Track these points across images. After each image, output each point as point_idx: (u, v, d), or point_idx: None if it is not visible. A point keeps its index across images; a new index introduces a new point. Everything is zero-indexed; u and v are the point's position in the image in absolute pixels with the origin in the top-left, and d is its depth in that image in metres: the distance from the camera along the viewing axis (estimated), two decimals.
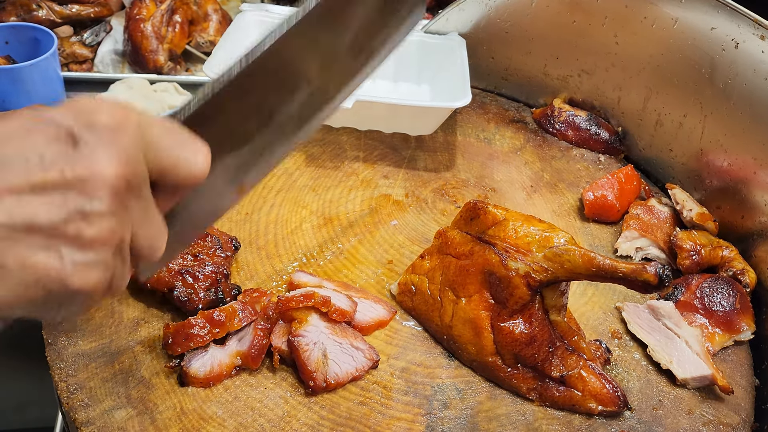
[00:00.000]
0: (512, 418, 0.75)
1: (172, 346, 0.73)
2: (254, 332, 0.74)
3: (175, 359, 0.73)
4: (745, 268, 0.95)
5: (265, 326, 0.75)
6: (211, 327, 0.73)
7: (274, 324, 0.77)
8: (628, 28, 1.13)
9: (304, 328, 0.75)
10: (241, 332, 0.75)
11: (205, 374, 0.72)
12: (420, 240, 0.97)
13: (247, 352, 0.74)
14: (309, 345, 0.74)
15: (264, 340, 0.74)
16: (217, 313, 0.74)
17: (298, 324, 0.75)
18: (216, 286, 0.79)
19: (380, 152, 1.13)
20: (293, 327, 0.75)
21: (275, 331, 0.76)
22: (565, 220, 1.05)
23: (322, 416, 0.72)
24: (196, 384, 0.72)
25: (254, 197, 0.99)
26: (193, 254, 0.82)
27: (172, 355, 0.73)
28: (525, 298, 0.74)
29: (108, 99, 0.43)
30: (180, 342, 0.72)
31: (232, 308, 0.75)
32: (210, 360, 0.73)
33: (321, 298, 0.77)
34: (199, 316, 0.74)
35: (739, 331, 0.88)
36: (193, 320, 0.73)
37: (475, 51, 1.25)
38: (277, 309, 0.77)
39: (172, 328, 0.73)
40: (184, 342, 0.72)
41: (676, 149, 1.13)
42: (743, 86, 0.98)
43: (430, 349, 0.82)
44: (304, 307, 0.76)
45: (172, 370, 0.73)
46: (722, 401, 0.81)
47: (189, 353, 0.73)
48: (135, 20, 1.43)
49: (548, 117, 1.25)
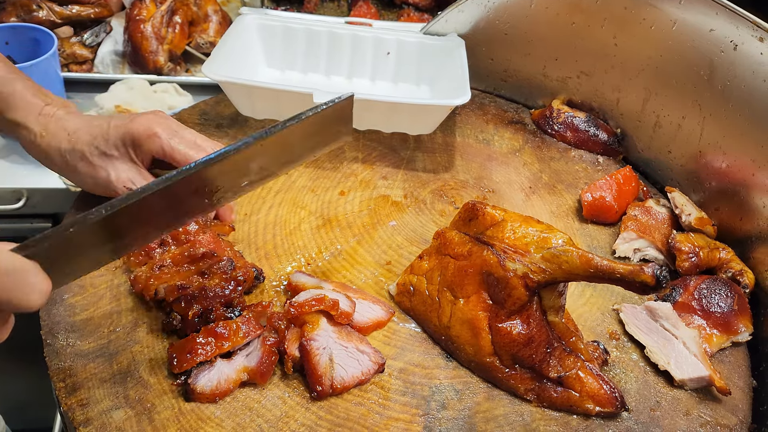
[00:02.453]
0: (510, 418, 0.75)
1: (177, 365, 0.71)
2: (263, 348, 0.73)
3: (181, 376, 0.72)
4: (743, 269, 0.95)
5: (275, 340, 0.74)
6: (216, 341, 0.72)
7: (283, 333, 0.75)
8: (627, 29, 1.13)
9: (316, 332, 0.75)
10: (249, 347, 0.74)
11: (212, 390, 0.71)
12: (418, 241, 0.97)
13: (256, 369, 0.72)
14: (319, 349, 0.74)
15: (273, 357, 0.73)
16: (220, 328, 0.73)
17: (310, 328, 0.75)
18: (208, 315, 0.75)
19: (379, 153, 1.13)
20: (305, 330, 0.75)
21: (288, 337, 0.75)
22: (564, 221, 1.06)
23: (320, 417, 0.72)
24: (202, 399, 0.71)
25: (253, 198, 0.99)
26: (200, 272, 0.79)
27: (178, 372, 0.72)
28: (523, 299, 0.74)
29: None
30: (185, 359, 0.71)
31: (235, 324, 0.73)
32: (217, 375, 0.72)
33: (331, 301, 0.76)
34: (202, 333, 0.73)
35: (736, 333, 0.88)
36: (197, 338, 0.72)
37: (474, 52, 1.26)
38: (288, 315, 0.76)
39: (176, 347, 0.72)
40: (190, 359, 0.71)
41: (674, 151, 1.13)
42: (742, 88, 0.98)
43: (428, 349, 0.82)
44: (316, 311, 0.76)
45: (178, 387, 0.72)
46: (720, 402, 0.81)
47: (195, 368, 0.71)
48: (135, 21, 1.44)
49: (547, 118, 1.25)
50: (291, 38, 1.23)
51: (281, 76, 1.25)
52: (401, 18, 1.81)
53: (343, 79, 1.26)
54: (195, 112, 1.15)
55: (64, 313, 0.78)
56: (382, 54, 1.24)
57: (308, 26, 1.23)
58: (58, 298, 0.80)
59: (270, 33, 1.22)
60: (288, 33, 1.23)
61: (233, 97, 1.09)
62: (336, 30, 1.23)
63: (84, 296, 0.80)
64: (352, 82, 1.26)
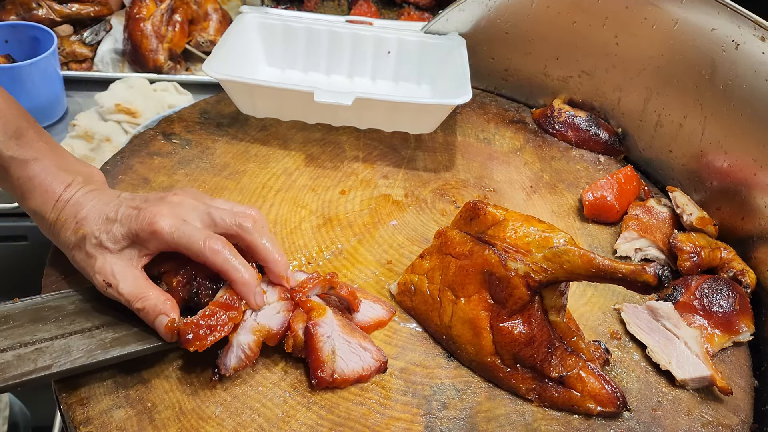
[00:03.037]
0: (511, 418, 0.75)
1: (193, 342, 0.68)
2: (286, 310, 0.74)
3: (214, 373, 0.71)
4: (745, 269, 0.95)
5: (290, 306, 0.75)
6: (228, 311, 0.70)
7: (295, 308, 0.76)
8: (629, 29, 1.13)
9: (322, 319, 0.75)
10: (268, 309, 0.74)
11: (241, 363, 0.71)
12: (419, 240, 0.97)
13: (277, 332, 0.72)
14: (323, 337, 0.74)
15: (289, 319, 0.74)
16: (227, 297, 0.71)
17: (316, 314, 0.75)
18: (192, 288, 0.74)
19: (380, 152, 1.13)
20: (312, 316, 0.75)
21: (295, 315, 0.75)
22: (565, 221, 1.05)
23: (321, 416, 0.72)
24: (239, 369, 0.71)
25: (253, 197, 0.99)
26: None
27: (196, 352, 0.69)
28: (524, 299, 0.74)
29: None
30: (201, 336, 0.68)
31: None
32: (238, 350, 0.71)
33: (328, 275, 0.78)
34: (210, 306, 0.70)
35: (738, 332, 0.88)
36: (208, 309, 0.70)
37: (475, 51, 1.26)
38: (293, 297, 0.76)
39: (190, 322, 0.69)
40: (207, 334, 0.68)
41: (676, 150, 1.13)
42: (744, 87, 0.98)
43: (429, 349, 0.82)
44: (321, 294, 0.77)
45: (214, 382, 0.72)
46: (721, 402, 0.81)
47: (219, 357, 0.70)
48: (135, 19, 1.43)
49: (548, 117, 1.25)
50: (291, 37, 1.23)
51: (282, 74, 1.25)
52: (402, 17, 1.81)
53: (344, 78, 1.26)
54: (195, 110, 1.15)
55: None
56: (383, 53, 1.24)
57: (308, 25, 1.22)
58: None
59: (270, 32, 1.22)
60: (288, 32, 1.23)
61: (234, 95, 1.09)
62: (336, 29, 1.23)
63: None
64: (353, 81, 1.26)
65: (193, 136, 1.09)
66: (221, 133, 1.11)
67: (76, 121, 1.24)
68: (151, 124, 1.10)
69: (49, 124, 1.27)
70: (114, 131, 1.25)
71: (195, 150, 1.06)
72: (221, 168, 1.03)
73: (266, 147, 1.09)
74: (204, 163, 1.03)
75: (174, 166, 1.02)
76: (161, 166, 1.01)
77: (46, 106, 1.24)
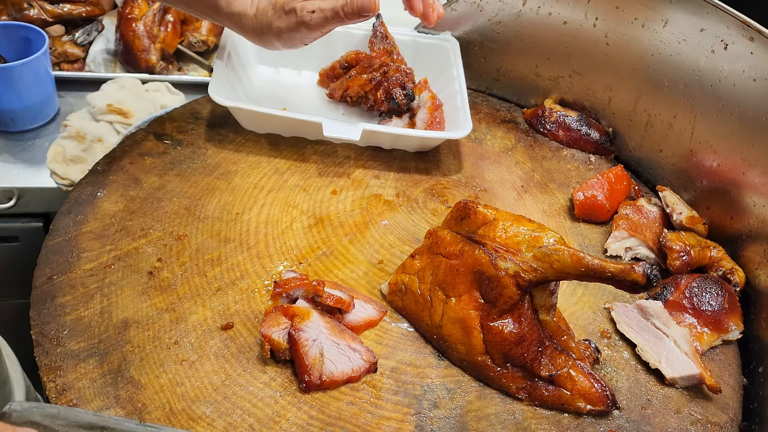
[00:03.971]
0: (501, 417, 0.76)
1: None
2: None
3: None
4: (734, 267, 0.95)
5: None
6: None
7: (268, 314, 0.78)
8: (619, 29, 1.14)
9: (305, 323, 0.75)
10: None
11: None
12: (410, 240, 0.97)
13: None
14: (308, 341, 0.74)
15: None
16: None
17: (299, 319, 0.75)
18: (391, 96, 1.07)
19: (371, 152, 1.13)
20: (295, 321, 0.75)
21: (266, 321, 0.76)
22: (556, 220, 1.06)
23: (311, 416, 0.72)
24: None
25: (245, 197, 0.99)
26: (381, 72, 1.09)
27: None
28: (514, 298, 0.75)
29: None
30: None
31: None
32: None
33: (315, 281, 0.79)
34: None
35: (727, 331, 0.89)
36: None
37: (466, 51, 1.26)
38: (275, 294, 0.78)
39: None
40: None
41: (666, 150, 1.14)
42: (732, 87, 0.99)
43: (420, 348, 0.82)
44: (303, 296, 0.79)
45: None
46: (710, 400, 0.82)
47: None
48: (127, 19, 1.43)
49: (539, 117, 1.25)
50: None
51: (274, 73, 1.25)
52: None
53: None
54: (187, 111, 1.15)
55: (54, 313, 0.78)
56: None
57: None
58: (49, 298, 0.79)
59: None
60: None
61: (239, 117, 1.10)
62: None
63: (74, 296, 0.80)
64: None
65: (185, 136, 1.09)
66: (213, 134, 1.10)
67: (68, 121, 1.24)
68: (142, 125, 1.10)
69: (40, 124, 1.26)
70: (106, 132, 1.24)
71: (186, 150, 1.06)
72: (213, 168, 1.03)
73: (258, 147, 1.09)
74: (195, 163, 1.03)
75: (165, 166, 1.02)
76: (152, 167, 1.01)
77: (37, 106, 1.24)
